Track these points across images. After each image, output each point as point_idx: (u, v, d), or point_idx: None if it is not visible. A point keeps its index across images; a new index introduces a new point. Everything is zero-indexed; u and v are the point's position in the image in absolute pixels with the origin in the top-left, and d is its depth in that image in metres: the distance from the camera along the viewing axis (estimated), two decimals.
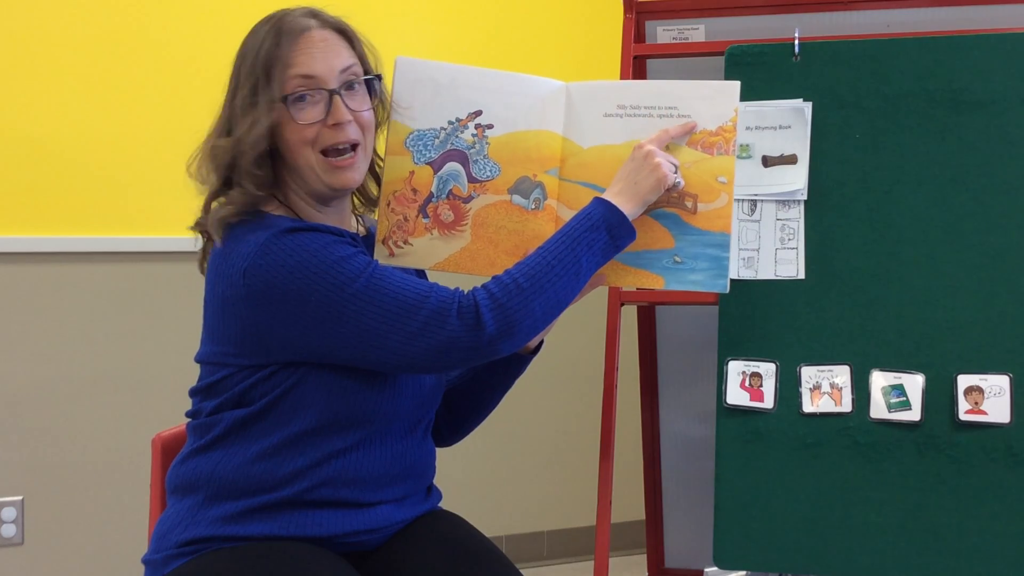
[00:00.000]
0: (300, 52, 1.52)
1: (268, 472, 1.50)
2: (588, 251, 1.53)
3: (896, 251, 1.97)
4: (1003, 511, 1.88)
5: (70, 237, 2.81)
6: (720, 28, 2.31)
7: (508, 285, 1.47)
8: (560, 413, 3.36)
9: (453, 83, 1.66)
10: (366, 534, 1.56)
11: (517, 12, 3.32)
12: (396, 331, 1.44)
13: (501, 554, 1.61)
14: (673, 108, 1.66)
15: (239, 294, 1.47)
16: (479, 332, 1.45)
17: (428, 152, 1.66)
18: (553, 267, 1.50)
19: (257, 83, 1.51)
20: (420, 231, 1.65)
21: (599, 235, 1.54)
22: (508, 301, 1.46)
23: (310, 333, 1.46)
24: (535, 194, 1.67)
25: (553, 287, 1.49)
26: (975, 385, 1.91)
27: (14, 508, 2.78)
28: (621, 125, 1.66)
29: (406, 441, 1.60)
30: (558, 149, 1.67)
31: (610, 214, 1.55)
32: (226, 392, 1.53)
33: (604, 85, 1.69)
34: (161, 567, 1.51)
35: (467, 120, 1.66)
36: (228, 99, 1.56)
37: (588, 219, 1.55)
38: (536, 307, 1.48)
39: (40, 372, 2.79)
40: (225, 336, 1.52)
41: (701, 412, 2.46)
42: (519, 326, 1.47)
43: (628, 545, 3.31)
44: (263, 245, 1.45)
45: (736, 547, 1.97)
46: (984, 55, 1.98)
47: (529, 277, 1.49)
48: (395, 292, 1.45)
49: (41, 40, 2.77)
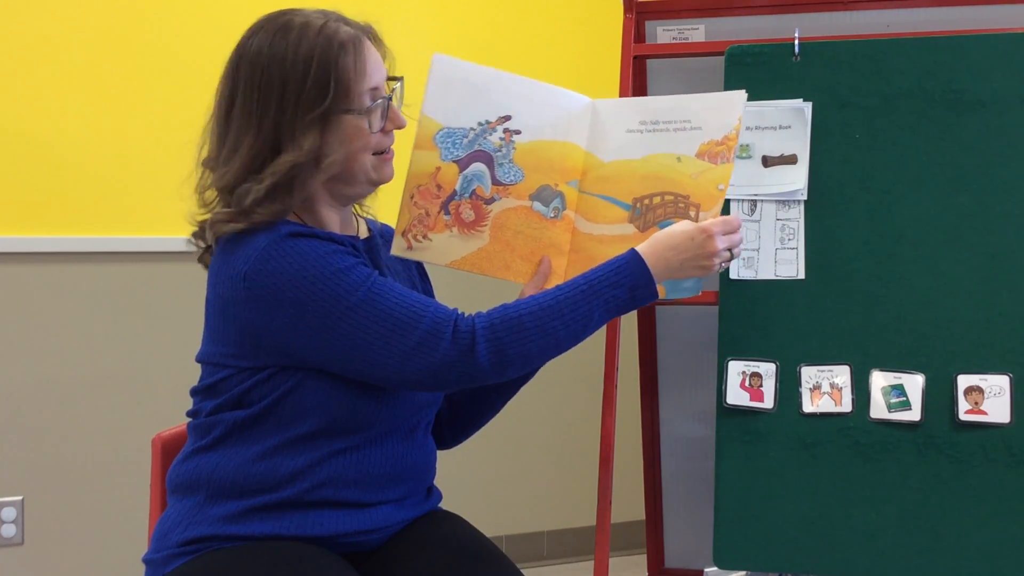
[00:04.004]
0: (367, 63, 1.53)
1: (268, 472, 1.50)
2: (603, 307, 1.51)
3: (896, 251, 1.97)
4: (1003, 511, 1.88)
5: (70, 237, 2.81)
6: (720, 28, 2.31)
7: (511, 320, 1.46)
8: (560, 413, 3.36)
9: (486, 86, 1.68)
10: (366, 534, 1.56)
11: (517, 12, 3.32)
12: (389, 348, 1.44)
13: (501, 554, 1.61)
14: (687, 121, 1.68)
15: (239, 297, 1.46)
16: (471, 360, 1.44)
17: (456, 150, 1.67)
18: (563, 315, 1.48)
19: (326, 97, 1.48)
20: (440, 227, 1.67)
21: (620, 292, 1.51)
22: (506, 336, 1.45)
23: (305, 342, 1.46)
24: (555, 203, 1.69)
25: (556, 333, 1.48)
26: (975, 385, 1.91)
27: (14, 508, 2.78)
28: (641, 140, 1.68)
29: (406, 443, 1.60)
30: (580, 162, 1.69)
31: (639, 275, 1.53)
32: (225, 393, 1.52)
33: (628, 102, 1.73)
34: (161, 567, 1.51)
35: (496, 123, 1.68)
36: (263, 113, 1.49)
37: (617, 274, 1.52)
38: (532, 349, 1.47)
39: (40, 372, 2.79)
40: (225, 337, 1.51)
41: (701, 412, 2.45)
42: (511, 363, 1.46)
43: (628, 545, 3.31)
44: (264, 249, 1.45)
45: (736, 547, 1.97)
46: (984, 55, 1.98)
47: (535, 317, 1.47)
48: (392, 308, 1.44)
49: (41, 40, 2.77)
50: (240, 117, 1.51)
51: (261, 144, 1.49)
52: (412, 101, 1.64)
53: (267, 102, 1.49)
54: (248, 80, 1.51)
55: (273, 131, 1.49)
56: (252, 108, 1.50)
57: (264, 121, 1.49)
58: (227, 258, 1.49)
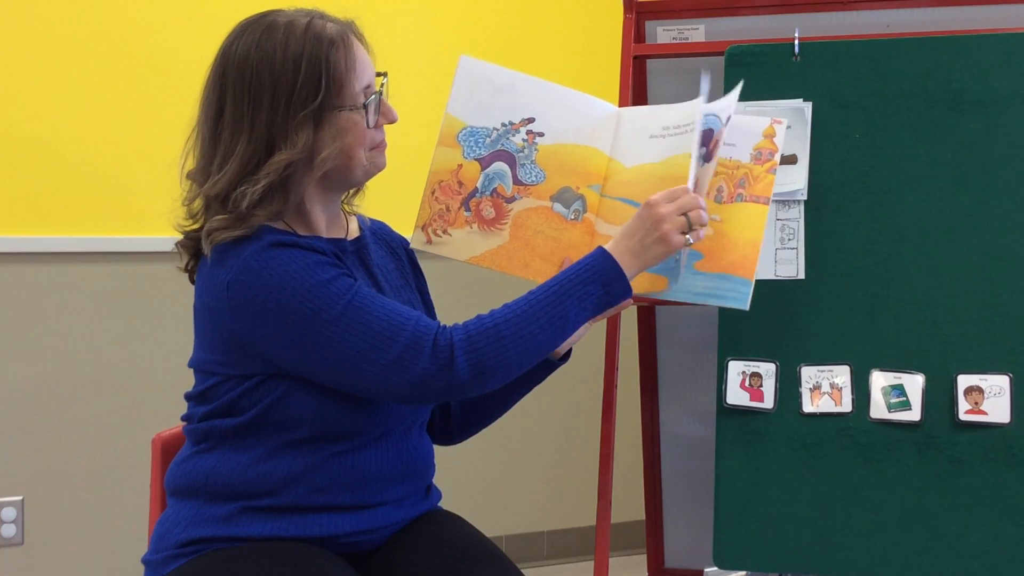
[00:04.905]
0: (357, 58, 1.52)
1: (264, 476, 1.50)
2: (578, 305, 1.49)
3: (896, 251, 1.97)
4: (1003, 511, 1.88)
5: (70, 237, 2.81)
6: (720, 28, 2.31)
7: (488, 330, 1.45)
8: (560, 413, 3.36)
9: (512, 88, 1.71)
10: (366, 534, 1.56)
11: (517, 12, 3.32)
12: (370, 362, 1.43)
13: (501, 554, 1.61)
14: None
15: (223, 306, 1.46)
16: (451, 373, 1.43)
17: (478, 149, 1.70)
18: (538, 319, 1.47)
19: (319, 94, 1.47)
20: (460, 223, 1.69)
21: (593, 289, 1.50)
22: (485, 347, 1.44)
23: (287, 354, 1.45)
24: (576, 205, 1.70)
25: (534, 339, 1.46)
26: (975, 385, 1.91)
27: (14, 508, 2.77)
28: (662, 144, 1.68)
29: (403, 443, 1.59)
30: (603, 167, 1.71)
31: (609, 270, 1.51)
32: (216, 400, 1.52)
33: (652, 109, 1.73)
34: (161, 567, 1.51)
35: (520, 125, 1.70)
36: (255, 115, 1.48)
37: (586, 271, 1.51)
38: (512, 357, 1.46)
39: (40, 372, 2.79)
40: (213, 345, 1.52)
41: (701, 412, 2.45)
42: (492, 374, 1.45)
43: (628, 545, 3.31)
44: (246, 259, 1.44)
45: (736, 547, 1.97)
46: (984, 55, 1.98)
47: (512, 325, 1.46)
48: (371, 322, 1.43)
49: (41, 40, 2.77)
50: (232, 122, 1.49)
51: (255, 146, 1.48)
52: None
53: (258, 104, 1.48)
54: (237, 84, 1.49)
55: (266, 132, 1.48)
56: (243, 111, 1.49)
57: (256, 123, 1.48)
58: (212, 267, 1.48)
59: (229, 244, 1.47)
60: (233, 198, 1.47)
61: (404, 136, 1.64)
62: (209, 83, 1.54)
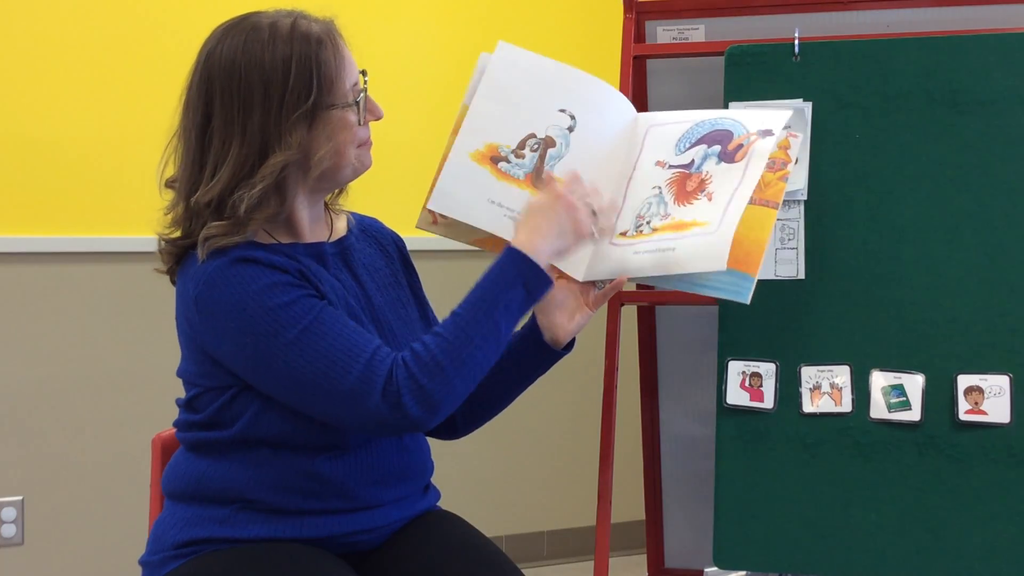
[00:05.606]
0: (344, 58, 1.51)
1: (257, 483, 1.49)
2: (506, 313, 1.46)
3: (896, 251, 1.97)
4: (1003, 511, 1.88)
5: (70, 237, 2.81)
6: (720, 28, 2.31)
7: (429, 366, 1.42)
8: (560, 413, 3.36)
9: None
10: (364, 534, 1.56)
11: (517, 12, 3.32)
12: (324, 390, 1.41)
13: (501, 554, 1.61)
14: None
15: (194, 319, 1.47)
16: (401, 413, 1.41)
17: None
18: (472, 339, 1.44)
19: (311, 94, 1.46)
20: None
21: (516, 293, 1.47)
22: (429, 383, 1.41)
23: (250, 374, 1.45)
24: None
25: (474, 360, 1.44)
26: (975, 385, 1.91)
27: (14, 508, 2.78)
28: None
29: (397, 443, 1.58)
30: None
31: (525, 267, 1.48)
32: (202, 411, 1.52)
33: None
34: (158, 568, 1.51)
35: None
36: (247, 118, 1.45)
37: (503, 276, 1.47)
38: (457, 384, 1.44)
39: (40, 372, 2.79)
40: (191, 355, 1.52)
41: (701, 412, 2.45)
42: (441, 405, 1.43)
43: (628, 545, 3.30)
44: (211, 275, 1.43)
45: (736, 547, 1.97)
46: (984, 55, 1.98)
47: (449, 354, 1.43)
48: (327, 349, 1.41)
49: (41, 40, 2.77)
50: (222, 127, 1.47)
51: (248, 150, 1.45)
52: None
53: (249, 107, 1.45)
54: (224, 88, 1.46)
55: (259, 135, 1.45)
56: (234, 116, 1.46)
57: (248, 126, 1.45)
58: (185, 279, 1.49)
59: (197, 259, 1.46)
60: (230, 203, 1.45)
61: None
62: (192, 89, 1.51)
